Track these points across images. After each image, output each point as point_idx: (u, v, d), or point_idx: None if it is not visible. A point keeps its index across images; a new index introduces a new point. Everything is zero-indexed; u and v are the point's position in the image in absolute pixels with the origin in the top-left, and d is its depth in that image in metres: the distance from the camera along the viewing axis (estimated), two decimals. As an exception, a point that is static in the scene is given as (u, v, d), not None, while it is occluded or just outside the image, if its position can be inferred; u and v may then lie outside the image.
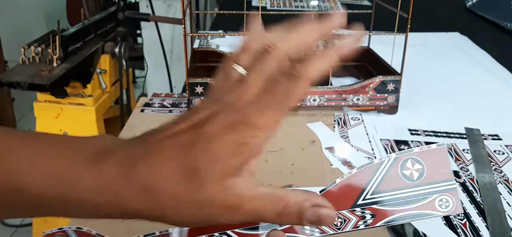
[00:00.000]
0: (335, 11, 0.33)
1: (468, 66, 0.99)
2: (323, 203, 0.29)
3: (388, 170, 0.31)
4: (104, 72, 1.17)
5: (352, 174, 0.31)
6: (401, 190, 0.31)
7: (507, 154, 0.62)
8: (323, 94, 0.71)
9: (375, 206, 0.31)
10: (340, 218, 0.31)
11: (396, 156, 0.31)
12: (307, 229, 0.31)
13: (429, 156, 0.31)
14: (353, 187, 0.31)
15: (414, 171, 0.31)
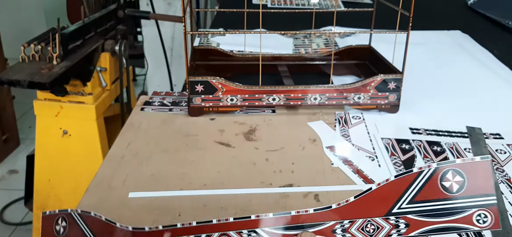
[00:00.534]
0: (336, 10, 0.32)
1: (470, 64, 0.98)
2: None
3: (427, 180, 0.30)
4: (104, 70, 1.17)
5: (389, 181, 0.30)
6: (439, 202, 0.30)
7: (509, 153, 0.62)
8: (324, 92, 0.71)
9: (411, 216, 0.30)
10: (373, 225, 0.31)
11: (437, 166, 0.30)
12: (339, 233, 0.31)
13: (471, 169, 0.30)
14: (389, 194, 0.30)
15: (454, 183, 0.30)
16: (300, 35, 1.13)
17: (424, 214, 0.30)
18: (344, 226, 0.31)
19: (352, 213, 0.31)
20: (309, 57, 0.89)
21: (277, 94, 0.71)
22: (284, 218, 0.31)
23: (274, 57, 0.87)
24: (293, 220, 0.31)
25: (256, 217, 0.31)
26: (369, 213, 0.30)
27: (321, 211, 0.31)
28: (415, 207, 0.30)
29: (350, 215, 0.31)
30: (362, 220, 0.31)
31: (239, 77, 0.78)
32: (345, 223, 0.31)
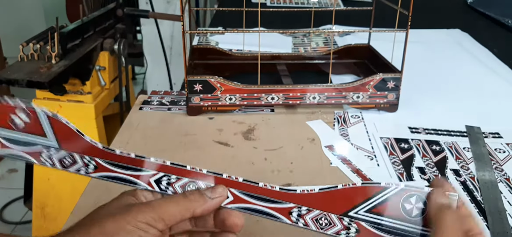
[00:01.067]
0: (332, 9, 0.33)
1: (469, 63, 0.98)
2: None
3: (391, 197, 0.31)
4: (103, 69, 1.17)
5: (355, 185, 0.32)
6: (394, 220, 0.31)
7: (508, 152, 0.62)
8: (322, 91, 0.71)
9: (363, 223, 0.31)
10: (327, 220, 0.32)
11: (404, 187, 0.31)
12: (294, 216, 0.33)
13: None
14: (350, 197, 0.32)
15: (415, 208, 0.31)
16: (299, 34, 1.13)
17: (376, 226, 0.31)
18: (300, 212, 0.33)
19: (312, 203, 0.32)
20: (308, 56, 0.89)
21: (276, 93, 0.70)
22: (251, 186, 0.33)
23: (273, 56, 0.87)
24: (259, 191, 0.33)
25: (227, 177, 0.34)
26: (327, 207, 0.32)
27: (285, 191, 0.33)
28: (370, 217, 0.31)
29: (310, 203, 0.32)
30: (318, 211, 0.32)
31: (238, 76, 0.78)
32: (303, 209, 0.33)
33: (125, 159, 0.34)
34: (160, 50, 1.57)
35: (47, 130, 0.33)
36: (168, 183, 0.34)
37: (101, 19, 1.23)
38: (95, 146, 0.34)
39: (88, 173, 0.34)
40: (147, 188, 0.34)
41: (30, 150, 0.34)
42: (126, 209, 0.31)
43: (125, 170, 0.34)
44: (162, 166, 0.34)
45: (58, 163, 0.34)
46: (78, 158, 0.34)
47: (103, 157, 0.34)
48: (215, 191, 0.33)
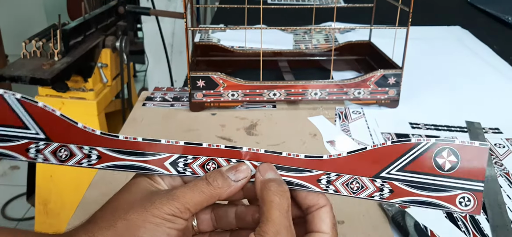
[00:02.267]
0: (335, 5, 0.33)
1: (469, 60, 0.99)
2: None
3: (422, 153, 0.30)
4: (105, 66, 1.17)
5: (385, 145, 0.30)
6: (427, 176, 0.30)
7: (507, 147, 0.63)
8: (324, 87, 0.71)
9: (396, 183, 0.31)
10: (358, 184, 0.31)
11: (435, 141, 0.30)
12: (323, 183, 0.31)
13: (467, 152, 0.30)
14: (381, 158, 0.30)
15: (448, 162, 0.30)
16: (300, 31, 1.14)
17: (410, 184, 0.31)
18: (330, 178, 0.31)
19: (341, 168, 0.31)
20: (309, 53, 0.90)
21: (277, 89, 0.71)
22: (274, 156, 0.32)
23: (275, 53, 0.88)
24: (283, 161, 0.32)
25: (248, 150, 0.32)
26: (357, 171, 0.31)
27: (311, 159, 0.32)
28: (403, 176, 0.31)
29: (339, 169, 0.31)
30: (349, 176, 0.31)
31: (240, 72, 0.78)
32: (332, 175, 0.31)
33: (131, 145, 0.31)
34: (161, 47, 1.58)
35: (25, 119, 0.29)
36: (185, 164, 0.32)
37: (103, 17, 1.24)
38: (92, 133, 0.30)
39: (92, 164, 0.31)
40: (164, 173, 0.31)
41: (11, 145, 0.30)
42: (150, 200, 0.29)
43: (134, 156, 0.31)
44: (175, 147, 0.31)
45: (52, 157, 0.30)
46: (75, 150, 0.31)
47: (105, 145, 0.31)
48: (239, 172, 0.31)
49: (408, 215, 0.47)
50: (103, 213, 0.29)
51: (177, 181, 0.32)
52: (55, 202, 1.16)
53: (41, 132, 0.30)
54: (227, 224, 0.34)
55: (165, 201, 0.29)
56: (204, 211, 0.34)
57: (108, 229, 0.28)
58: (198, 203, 0.30)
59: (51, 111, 0.30)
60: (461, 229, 0.47)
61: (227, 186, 0.31)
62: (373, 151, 0.31)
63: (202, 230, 0.34)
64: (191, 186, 0.30)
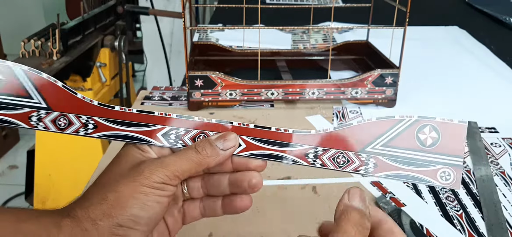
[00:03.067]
0: (334, 4, 0.34)
1: (467, 60, 0.99)
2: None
3: (405, 129, 0.31)
4: (103, 65, 1.18)
5: (370, 121, 0.32)
6: (410, 151, 0.32)
7: (503, 147, 0.63)
8: (321, 87, 0.72)
9: (381, 158, 0.32)
10: (344, 158, 0.32)
11: (417, 119, 0.31)
12: (311, 157, 0.32)
13: (447, 129, 0.31)
14: (366, 133, 0.32)
15: (429, 138, 0.31)
16: (298, 31, 1.14)
17: (393, 159, 0.32)
18: (317, 153, 0.32)
19: (328, 143, 0.32)
20: (307, 53, 0.90)
21: (275, 89, 0.71)
22: (263, 131, 0.33)
23: (273, 52, 0.88)
24: (271, 136, 0.33)
25: (238, 125, 0.33)
26: (343, 146, 0.32)
27: (299, 134, 0.33)
28: (387, 150, 0.32)
29: (326, 144, 0.32)
30: (335, 150, 0.32)
31: (238, 72, 0.79)
32: (319, 149, 0.32)
33: (126, 115, 0.32)
34: (160, 47, 1.58)
35: (29, 89, 0.31)
36: (177, 137, 0.32)
37: (102, 16, 1.24)
38: (91, 104, 0.32)
39: (88, 133, 0.32)
40: (155, 143, 0.32)
41: (15, 113, 0.31)
42: (138, 170, 0.30)
43: (128, 127, 0.32)
44: (168, 119, 0.32)
45: (52, 125, 0.32)
46: (73, 119, 0.32)
47: (102, 115, 0.32)
48: (227, 141, 0.32)
49: (404, 214, 0.47)
50: (95, 187, 0.30)
51: (165, 150, 0.33)
52: (53, 201, 1.16)
53: (43, 102, 0.32)
54: (220, 192, 0.34)
55: (154, 169, 0.30)
56: (194, 179, 0.34)
57: (100, 203, 0.29)
58: (187, 170, 0.31)
59: (54, 81, 0.31)
60: (456, 227, 0.48)
61: (216, 155, 0.31)
62: (359, 127, 0.32)
63: (193, 197, 0.35)
64: (179, 154, 0.31)
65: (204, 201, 0.35)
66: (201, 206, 0.35)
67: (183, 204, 0.35)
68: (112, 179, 0.30)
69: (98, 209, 0.28)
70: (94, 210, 0.28)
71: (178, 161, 0.30)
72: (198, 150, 0.31)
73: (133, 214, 0.28)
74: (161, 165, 0.30)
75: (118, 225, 0.28)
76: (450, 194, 0.53)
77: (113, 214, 0.28)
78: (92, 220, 0.28)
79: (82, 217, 0.28)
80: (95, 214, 0.28)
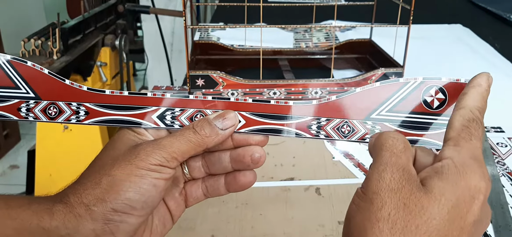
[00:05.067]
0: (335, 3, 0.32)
1: (471, 58, 0.98)
2: None
3: (410, 92, 0.30)
4: (104, 65, 1.17)
5: (373, 87, 0.30)
6: (417, 115, 0.30)
7: (510, 147, 0.62)
8: (324, 86, 0.71)
9: (387, 124, 0.30)
10: (349, 127, 0.31)
11: (423, 80, 0.30)
12: (314, 129, 0.31)
13: (454, 89, 0.30)
14: (370, 100, 0.30)
15: (436, 100, 0.30)
16: (300, 29, 1.13)
17: (400, 124, 0.30)
18: (320, 123, 0.31)
19: (331, 112, 0.31)
20: (310, 51, 0.89)
21: (277, 88, 0.70)
22: (262, 105, 0.31)
23: (275, 51, 0.87)
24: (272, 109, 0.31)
25: (235, 100, 0.31)
26: (347, 114, 0.31)
27: (301, 105, 0.31)
28: (393, 116, 0.30)
29: (329, 113, 0.31)
30: (339, 120, 0.31)
31: (240, 71, 0.78)
32: (322, 120, 0.31)
33: (118, 99, 0.31)
34: (161, 46, 1.57)
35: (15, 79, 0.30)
36: (173, 117, 0.31)
37: (102, 15, 1.23)
38: (80, 89, 0.31)
39: (80, 120, 0.31)
40: (152, 126, 0.31)
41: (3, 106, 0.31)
42: (134, 152, 0.29)
43: (121, 110, 0.31)
44: (162, 100, 0.31)
45: (42, 115, 0.31)
46: (63, 106, 0.31)
47: (92, 101, 0.31)
48: (226, 120, 0.30)
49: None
50: (89, 172, 0.29)
51: (162, 132, 0.31)
52: (54, 202, 1.15)
53: (31, 91, 0.31)
54: (222, 169, 0.33)
55: (150, 151, 0.28)
56: (194, 159, 0.33)
57: (93, 187, 0.28)
58: (186, 152, 0.29)
59: (40, 69, 0.30)
60: (463, 229, 0.47)
61: (215, 135, 0.30)
62: (362, 93, 0.30)
63: (194, 177, 0.34)
64: (177, 135, 0.30)
65: (206, 181, 0.33)
66: (204, 186, 0.34)
67: (185, 186, 0.33)
68: (106, 163, 0.29)
69: (92, 194, 0.27)
70: (87, 195, 0.27)
71: (175, 142, 0.29)
72: (196, 130, 0.30)
73: (128, 198, 0.27)
74: (158, 147, 0.29)
75: (113, 210, 0.27)
76: (456, 195, 0.52)
77: (107, 198, 0.27)
78: (86, 206, 0.27)
79: (75, 203, 0.27)
80: (89, 199, 0.27)
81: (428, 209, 0.23)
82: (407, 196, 0.23)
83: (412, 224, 0.22)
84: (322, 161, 0.58)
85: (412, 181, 0.24)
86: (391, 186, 0.24)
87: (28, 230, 0.27)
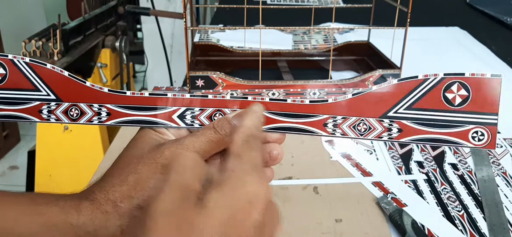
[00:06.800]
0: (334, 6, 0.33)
1: (468, 60, 0.99)
2: None
3: (430, 89, 0.29)
4: (104, 66, 1.18)
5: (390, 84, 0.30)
6: (437, 112, 0.29)
7: (505, 147, 0.63)
8: (323, 87, 0.72)
9: (405, 122, 0.30)
10: (366, 125, 0.31)
11: (444, 76, 0.29)
12: (330, 127, 0.31)
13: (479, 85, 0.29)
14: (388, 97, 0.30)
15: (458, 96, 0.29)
16: (299, 31, 1.14)
17: (419, 122, 0.30)
18: (336, 121, 0.31)
19: (347, 110, 0.31)
20: (308, 53, 0.90)
21: (276, 89, 0.71)
22: (280, 104, 0.31)
23: (274, 53, 0.88)
24: (288, 107, 0.31)
25: (253, 99, 0.31)
26: (364, 112, 0.30)
27: (316, 104, 0.31)
28: (411, 114, 0.30)
29: (345, 111, 0.31)
30: (355, 118, 0.31)
31: (239, 72, 0.79)
32: (338, 118, 0.31)
33: (139, 100, 0.31)
34: (160, 48, 1.58)
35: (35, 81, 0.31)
36: (192, 116, 0.31)
37: (103, 17, 1.24)
38: (101, 91, 0.31)
39: (102, 121, 0.32)
40: (172, 126, 0.31)
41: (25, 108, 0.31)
42: (158, 150, 0.29)
43: (142, 111, 0.31)
44: (182, 100, 0.31)
45: (64, 117, 0.31)
46: (85, 108, 0.31)
47: (114, 102, 0.31)
48: None
49: (406, 214, 0.47)
50: (114, 170, 0.30)
51: (183, 131, 0.32)
52: (54, 202, 1.16)
53: (51, 93, 0.31)
54: None
55: (174, 150, 0.29)
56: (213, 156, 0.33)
57: (120, 185, 0.28)
58: (207, 150, 0.30)
59: (60, 72, 0.31)
60: (458, 227, 0.48)
61: None
62: (379, 91, 0.30)
63: None
64: (198, 134, 0.30)
65: None
66: None
67: None
68: (131, 161, 0.29)
69: (118, 191, 0.28)
70: (114, 193, 0.28)
71: (197, 141, 0.30)
72: (216, 129, 0.30)
73: None
74: (182, 146, 0.29)
75: (139, 207, 0.28)
76: (451, 194, 0.53)
77: (133, 195, 0.28)
78: (113, 202, 0.28)
79: (102, 200, 0.28)
80: (115, 196, 0.28)
81: (199, 226, 0.22)
82: (181, 216, 0.23)
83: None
84: (320, 160, 0.59)
85: (189, 199, 0.24)
86: (166, 208, 0.23)
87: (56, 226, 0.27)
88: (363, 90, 0.30)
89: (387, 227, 0.47)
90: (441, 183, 0.55)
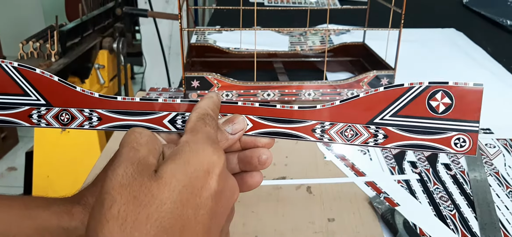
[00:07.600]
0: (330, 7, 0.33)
1: (463, 61, 1.00)
2: None
3: (415, 97, 0.30)
4: (102, 67, 1.18)
5: (377, 91, 0.31)
6: (422, 119, 0.30)
7: (498, 148, 0.63)
8: (318, 88, 0.72)
9: (390, 128, 0.31)
10: (353, 131, 0.31)
11: (428, 84, 0.30)
12: (318, 133, 0.32)
13: (462, 93, 0.30)
14: (374, 104, 0.31)
15: (442, 104, 0.30)
16: (295, 33, 1.14)
17: (404, 128, 0.31)
18: (324, 127, 0.32)
19: (335, 117, 0.32)
20: (304, 54, 0.91)
21: (271, 90, 0.72)
22: (269, 109, 0.32)
23: (270, 54, 0.88)
24: (278, 113, 0.32)
25: (243, 104, 0.32)
26: (351, 118, 0.31)
27: (305, 109, 0.32)
28: (397, 121, 0.31)
29: (333, 117, 0.32)
30: (343, 124, 0.32)
31: (235, 73, 0.79)
32: (326, 124, 0.32)
33: (130, 105, 0.32)
34: (158, 49, 1.58)
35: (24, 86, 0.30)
36: (183, 121, 0.32)
37: (100, 18, 1.25)
38: (91, 96, 0.31)
39: (93, 126, 0.32)
40: (163, 130, 0.32)
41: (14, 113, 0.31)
42: None
43: (133, 116, 0.32)
44: (173, 105, 0.32)
45: (54, 121, 0.31)
46: (76, 113, 0.31)
47: (105, 107, 0.31)
48: (235, 124, 0.31)
49: (398, 213, 0.47)
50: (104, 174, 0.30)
51: (174, 135, 0.32)
52: (51, 203, 1.16)
53: (41, 98, 0.31)
54: (229, 170, 0.33)
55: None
56: None
57: None
58: None
59: (49, 76, 0.31)
60: (450, 227, 0.48)
61: (225, 140, 0.31)
62: (366, 98, 0.31)
63: None
64: None
65: None
66: None
67: None
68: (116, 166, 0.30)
69: None
70: None
71: None
72: None
73: None
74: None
75: None
76: (444, 194, 0.53)
77: None
78: None
79: None
80: None
81: (158, 196, 0.23)
82: (137, 188, 0.23)
83: (142, 215, 0.22)
84: (314, 161, 0.59)
85: (145, 171, 0.24)
86: (122, 182, 0.23)
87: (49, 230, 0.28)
88: (351, 97, 0.31)
89: (379, 226, 0.48)
90: (433, 183, 0.55)
